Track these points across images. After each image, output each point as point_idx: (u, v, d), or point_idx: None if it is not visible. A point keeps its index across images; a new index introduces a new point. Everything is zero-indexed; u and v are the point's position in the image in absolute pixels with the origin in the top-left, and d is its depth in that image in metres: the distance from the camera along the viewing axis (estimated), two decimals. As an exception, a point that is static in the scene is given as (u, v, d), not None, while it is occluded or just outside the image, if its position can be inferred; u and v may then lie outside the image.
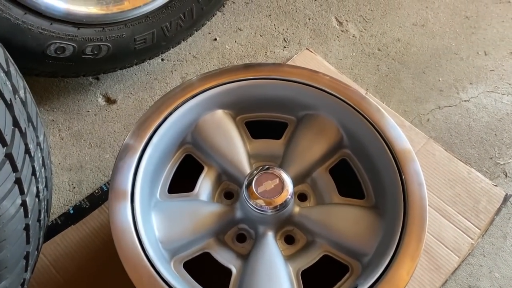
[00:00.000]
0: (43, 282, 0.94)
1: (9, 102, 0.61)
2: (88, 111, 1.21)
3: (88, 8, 0.93)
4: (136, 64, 1.17)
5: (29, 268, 0.68)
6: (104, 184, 1.08)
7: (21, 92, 0.67)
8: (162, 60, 1.31)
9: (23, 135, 0.63)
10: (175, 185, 0.89)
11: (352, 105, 0.88)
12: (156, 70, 1.29)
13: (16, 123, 0.61)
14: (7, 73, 0.64)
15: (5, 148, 0.57)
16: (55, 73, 1.03)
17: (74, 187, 1.09)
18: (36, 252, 0.70)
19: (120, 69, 1.16)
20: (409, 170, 0.80)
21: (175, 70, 1.30)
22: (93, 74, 1.12)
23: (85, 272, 0.97)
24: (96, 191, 1.07)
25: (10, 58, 0.68)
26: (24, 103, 0.67)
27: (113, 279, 0.95)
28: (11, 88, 0.63)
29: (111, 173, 1.08)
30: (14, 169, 0.59)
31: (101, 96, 1.24)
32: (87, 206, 1.04)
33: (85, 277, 0.96)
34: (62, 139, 1.16)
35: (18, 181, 0.60)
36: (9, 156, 0.58)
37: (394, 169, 0.81)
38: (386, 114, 0.87)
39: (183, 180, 0.90)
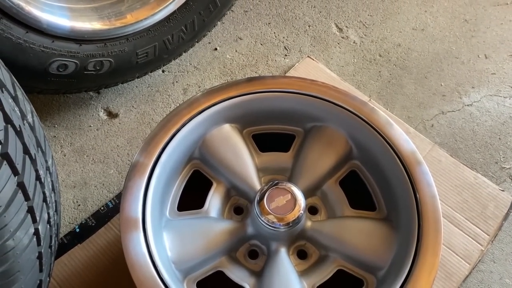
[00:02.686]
0: (52, 304, 0.92)
1: (19, 129, 0.59)
2: (90, 126, 1.19)
3: (91, 24, 0.91)
4: (138, 78, 1.16)
5: (42, 295, 0.66)
6: (110, 201, 1.06)
7: (29, 117, 0.66)
8: (163, 71, 1.30)
9: (33, 161, 0.62)
10: (184, 202, 0.88)
11: (361, 116, 0.87)
12: (158, 82, 1.28)
13: (26, 150, 0.60)
14: (15, 98, 0.63)
15: (16, 177, 0.56)
16: (57, 90, 1.01)
17: (79, 205, 1.07)
18: (48, 279, 0.69)
19: (122, 83, 1.15)
20: (422, 182, 0.79)
21: (177, 82, 1.29)
22: (95, 89, 1.10)
23: (94, 291, 0.95)
24: (102, 208, 1.05)
25: (17, 82, 0.66)
26: (32, 128, 0.65)
27: (122, 298, 0.94)
28: (19, 113, 0.62)
29: (117, 191, 1.08)
30: (26, 198, 0.58)
31: (102, 110, 1.22)
32: (93, 224, 1.03)
33: (94, 297, 0.95)
34: (65, 156, 1.15)
35: (30, 210, 0.58)
36: (21, 185, 0.57)
37: (406, 181, 0.80)
38: (395, 124, 0.86)
39: (191, 196, 0.89)
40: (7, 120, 0.57)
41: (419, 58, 1.37)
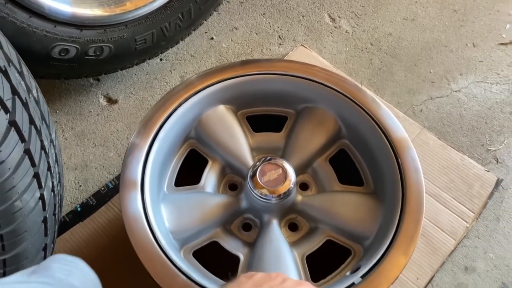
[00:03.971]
0: (55, 278, 0.96)
1: (25, 101, 0.64)
2: (90, 111, 1.24)
3: (92, 10, 0.95)
4: (136, 64, 1.20)
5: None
6: (110, 182, 1.10)
7: (34, 92, 0.70)
8: (161, 60, 1.34)
9: (39, 132, 0.66)
10: (181, 178, 0.92)
11: (349, 97, 0.91)
12: (156, 70, 1.32)
13: (32, 121, 0.64)
14: (21, 74, 0.67)
15: (23, 144, 0.60)
16: (59, 74, 1.05)
17: (80, 186, 1.11)
18: (52, 245, 0.73)
19: (121, 70, 1.19)
20: (406, 157, 0.83)
21: (174, 69, 1.33)
22: (95, 75, 1.15)
23: (95, 266, 0.99)
24: (102, 188, 1.09)
25: (22, 60, 0.71)
26: (37, 102, 0.69)
27: (122, 272, 0.98)
28: (25, 87, 0.66)
29: (117, 173, 1.12)
30: (33, 164, 0.62)
31: (102, 97, 1.26)
32: (93, 203, 1.07)
33: (95, 271, 0.99)
34: (66, 139, 1.19)
35: (36, 176, 0.62)
36: (27, 152, 0.61)
37: (391, 157, 0.85)
38: (382, 104, 0.91)
39: (188, 174, 0.93)
40: (14, 91, 0.61)
41: (409, 47, 1.42)
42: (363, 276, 0.73)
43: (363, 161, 0.93)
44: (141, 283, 0.96)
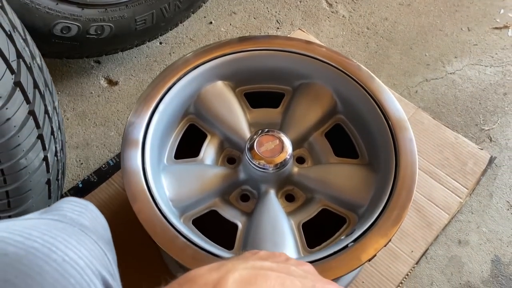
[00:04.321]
0: (57, 250, 0.98)
1: (29, 65, 0.66)
2: (91, 92, 1.26)
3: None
4: (136, 46, 1.22)
5: (50, 223, 0.72)
6: (111, 159, 1.13)
7: (38, 59, 0.72)
8: (161, 43, 1.36)
9: (42, 97, 0.68)
10: (181, 152, 0.94)
11: (346, 72, 0.93)
12: (155, 53, 1.34)
13: (36, 85, 0.66)
14: (25, 41, 0.69)
15: (28, 105, 0.62)
16: (61, 53, 1.07)
17: (82, 163, 1.14)
18: (55, 210, 0.75)
19: (122, 51, 1.21)
20: (401, 129, 0.85)
21: (173, 52, 1.35)
22: (96, 55, 1.17)
23: (96, 240, 1.02)
24: (103, 165, 1.12)
25: (26, 29, 0.73)
26: (41, 69, 0.72)
27: (124, 245, 0.99)
28: (29, 53, 0.68)
29: (118, 151, 1.14)
30: (37, 125, 0.64)
31: (103, 79, 1.28)
32: (95, 180, 1.09)
33: (97, 245, 1.01)
34: (68, 119, 1.21)
35: (40, 137, 0.65)
36: (32, 113, 0.63)
37: (386, 129, 0.86)
38: (377, 79, 0.93)
39: (187, 148, 0.95)
40: (19, 55, 0.63)
41: (404, 31, 1.44)
42: (355, 240, 0.75)
43: (358, 135, 0.95)
44: (142, 254, 0.98)
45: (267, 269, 0.44)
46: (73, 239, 0.43)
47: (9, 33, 0.62)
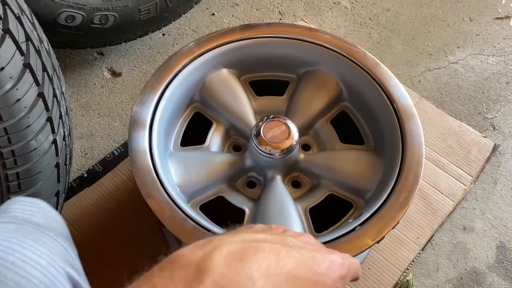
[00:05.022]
0: (63, 239, 0.98)
1: (37, 49, 0.66)
2: (95, 83, 1.26)
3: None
4: (140, 37, 1.22)
5: (58, 207, 0.73)
6: (115, 149, 1.13)
7: (45, 44, 0.72)
8: (163, 35, 1.36)
9: (51, 80, 0.68)
10: (186, 140, 0.94)
11: (351, 59, 0.93)
12: (158, 44, 1.34)
13: (44, 68, 0.66)
14: (33, 24, 0.69)
15: (38, 87, 0.62)
16: (65, 43, 1.07)
17: (86, 154, 1.14)
18: (63, 194, 0.75)
19: (125, 41, 1.21)
20: (407, 114, 0.86)
21: (176, 44, 1.35)
22: (100, 45, 1.16)
23: (102, 229, 1.02)
24: (108, 155, 1.12)
25: (33, 15, 0.73)
26: (48, 53, 0.72)
27: (128, 232, 1.00)
28: (37, 37, 0.68)
29: (122, 141, 1.14)
30: (46, 108, 0.64)
31: (106, 70, 1.28)
32: (100, 170, 1.09)
33: (102, 234, 1.01)
34: (72, 110, 1.21)
35: (49, 120, 0.65)
36: (41, 95, 0.63)
37: (392, 115, 0.86)
38: (383, 65, 0.93)
39: (193, 136, 0.95)
40: (28, 37, 0.63)
41: (407, 21, 1.44)
42: (362, 223, 0.75)
43: (363, 122, 0.95)
44: (148, 242, 0.99)
45: (260, 241, 0.40)
46: (29, 239, 0.41)
47: (17, 15, 0.62)
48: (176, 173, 0.84)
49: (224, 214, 0.85)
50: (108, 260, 0.97)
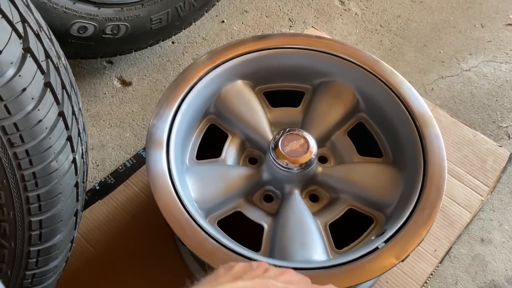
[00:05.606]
0: (77, 254, 0.97)
1: (56, 65, 0.64)
2: (105, 93, 1.24)
3: (113, -16, 0.96)
4: (151, 45, 1.20)
5: (77, 226, 0.71)
6: (127, 161, 1.11)
7: (63, 59, 0.71)
8: (173, 43, 1.35)
9: (69, 97, 0.66)
10: (202, 153, 0.93)
11: (367, 69, 0.92)
12: (168, 53, 1.33)
13: (63, 85, 0.65)
14: (51, 40, 0.68)
15: (58, 106, 0.61)
16: (77, 54, 1.06)
17: (98, 165, 1.12)
18: (81, 212, 0.74)
19: (136, 51, 1.19)
20: (427, 125, 0.85)
21: (186, 52, 1.34)
22: (110, 55, 1.15)
23: (115, 243, 1.00)
24: (120, 167, 1.10)
25: (49, 28, 0.71)
26: (66, 69, 0.70)
27: (143, 247, 0.98)
28: (55, 53, 0.67)
29: (134, 152, 1.13)
30: (66, 127, 0.63)
31: (116, 79, 1.27)
32: (112, 182, 1.08)
33: (116, 247, 0.99)
34: (82, 121, 1.19)
35: (69, 139, 0.63)
36: (61, 114, 0.62)
37: (412, 128, 0.85)
38: (400, 76, 0.92)
39: (208, 149, 0.94)
40: (47, 55, 0.62)
41: (418, 28, 1.43)
42: (386, 241, 0.74)
43: (381, 134, 0.94)
44: (162, 253, 0.97)
45: None
46: None
47: (36, 32, 0.61)
48: (194, 188, 0.83)
49: (242, 230, 0.84)
50: (122, 275, 0.95)
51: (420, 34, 1.41)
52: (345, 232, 0.84)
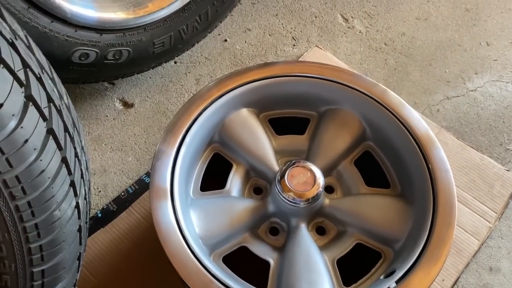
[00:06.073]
0: (78, 285, 0.95)
1: (59, 108, 0.63)
2: (107, 115, 1.22)
3: (116, 13, 0.95)
4: (153, 68, 1.19)
5: (79, 268, 0.69)
6: (130, 187, 1.09)
7: (65, 98, 0.69)
8: (175, 63, 1.33)
9: (72, 139, 0.65)
10: (206, 183, 0.91)
11: (374, 97, 0.91)
12: (170, 73, 1.31)
13: (66, 128, 0.63)
14: (53, 80, 0.66)
15: (60, 152, 0.59)
16: (78, 79, 1.04)
17: (100, 191, 1.10)
18: (84, 253, 0.72)
19: (138, 73, 1.18)
20: (435, 158, 0.83)
21: (189, 72, 1.32)
22: (112, 79, 1.14)
23: (118, 273, 0.99)
24: (122, 193, 1.08)
25: (51, 66, 0.70)
26: (68, 108, 0.69)
27: (146, 278, 0.97)
28: (57, 94, 0.65)
29: (136, 178, 1.11)
30: (69, 172, 0.61)
31: (118, 101, 1.25)
32: (114, 209, 1.06)
33: (118, 277, 0.98)
34: (83, 145, 1.17)
35: (72, 184, 0.62)
36: (64, 160, 0.60)
37: (420, 158, 0.84)
38: (408, 105, 0.90)
39: (213, 179, 0.92)
40: (50, 99, 0.60)
41: (423, 46, 1.41)
42: (397, 281, 0.72)
43: (389, 164, 0.93)
44: (164, 282, 0.96)
45: None
46: None
47: (38, 75, 0.59)
48: (198, 224, 0.81)
49: (248, 266, 0.82)
50: (125, 307, 0.94)
51: (425, 52, 1.40)
52: (352, 266, 0.82)
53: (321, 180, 0.82)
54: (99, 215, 1.05)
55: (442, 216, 0.78)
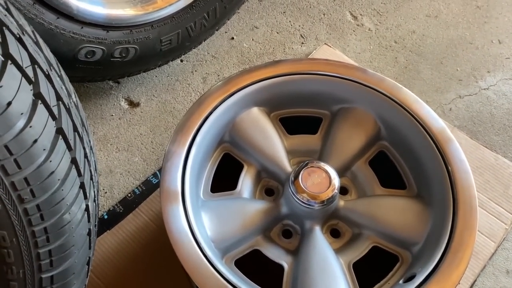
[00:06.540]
0: (85, 289, 0.92)
1: (67, 106, 0.60)
2: (112, 115, 1.20)
3: (124, 10, 0.92)
4: (160, 66, 1.16)
5: (88, 273, 0.67)
6: (136, 188, 1.07)
7: (73, 96, 0.67)
8: (182, 61, 1.31)
9: (81, 139, 0.62)
10: (217, 184, 0.88)
11: (389, 96, 0.88)
12: (177, 71, 1.29)
13: (75, 128, 0.60)
14: (61, 78, 0.63)
15: (70, 152, 0.57)
16: (84, 77, 1.02)
17: (106, 192, 1.08)
18: (92, 257, 0.70)
19: (144, 71, 1.15)
20: (454, 159, 0.80)
21: (196, 71, 1.29)
22: (119, 77, 1.11)
23: (125, 276, 0.96)
24: (129, 195, 1.06)
25: (59, 64, 0.67)
26: (77, 107, 0.66)
27: (153, 281, 0.94)
28: (66, 92, 0.63)
29: (143, 179, 1.08)
30: (79, 174, 0.58)
31: (123, 100, 1.23)
32: (121, 211, 1.03)
33: (125, 281, 0.95)
34: (89, 145, 1.15)
35: (82, 186, 0.59)
36: (74, 161, 0.57)
37: (438, 158, 0.82)
38: (423, 102, 0.88)
39: (223, 179, 0.89)
40: (58, 97, 0.58)
41: (434, 44, 1.39)
42: (418, 286, 0.69)
43: (404, 163, 0.90)
44: (172, 284, 0.93)
45: None
46: None
47: (47, 72, 0.57)
48: (210, 226, 0.78)
49: (261, 270, 0.80)
50: (133, 312, 0.91)
51: (436, 50, 1.37)
52: (368, 270, 0.80)
53: (336, 181, 0.80)
54: (106, 217, 1.03)
55: (463, 218, 0.75)
